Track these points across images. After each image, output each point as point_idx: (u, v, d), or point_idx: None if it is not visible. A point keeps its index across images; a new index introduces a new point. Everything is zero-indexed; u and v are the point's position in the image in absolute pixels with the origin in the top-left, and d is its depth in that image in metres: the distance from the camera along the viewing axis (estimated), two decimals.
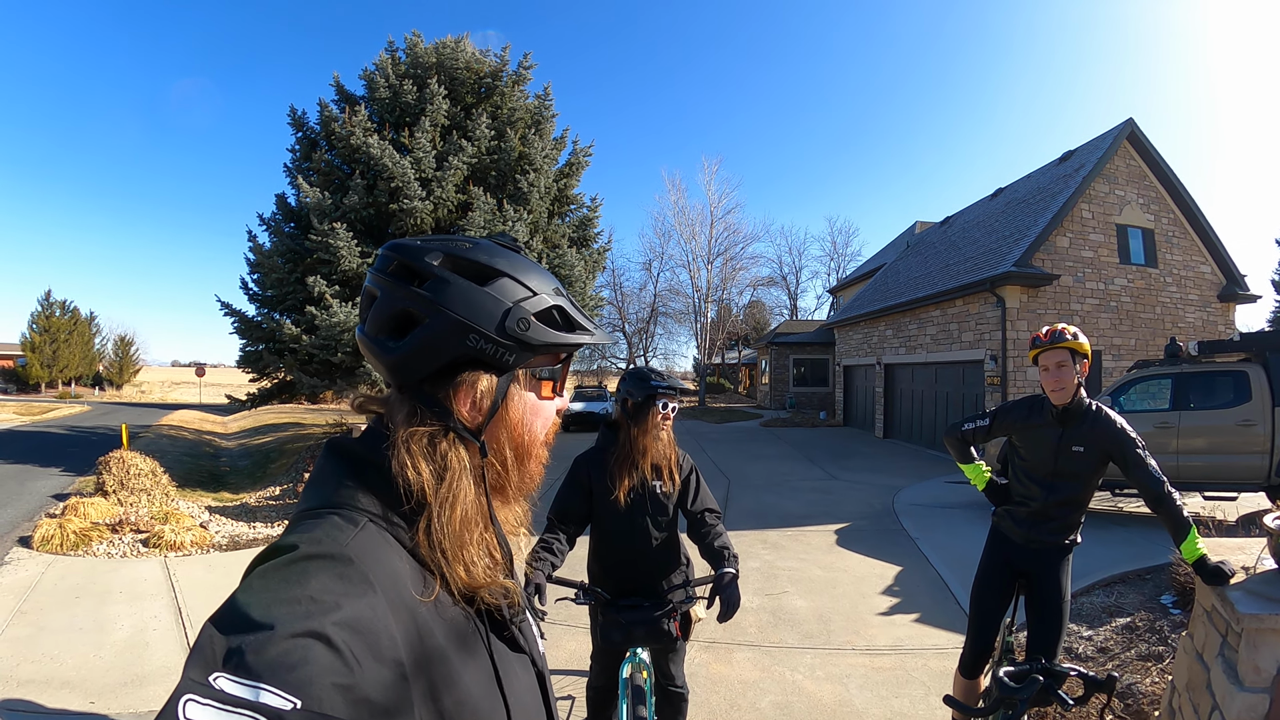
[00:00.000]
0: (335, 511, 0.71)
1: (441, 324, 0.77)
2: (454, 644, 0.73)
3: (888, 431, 18.89)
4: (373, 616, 0.63)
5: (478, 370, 0.80)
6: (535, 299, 0.82)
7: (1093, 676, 2.06)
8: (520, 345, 0.79)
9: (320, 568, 0.63)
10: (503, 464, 0.83)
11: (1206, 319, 14.57)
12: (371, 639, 0.61)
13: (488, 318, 0.78)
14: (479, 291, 0.79)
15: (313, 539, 0.66)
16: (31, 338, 41.66)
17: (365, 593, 0.64)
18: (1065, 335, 2.78)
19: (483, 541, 0.78)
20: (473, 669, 0.74)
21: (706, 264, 36.35)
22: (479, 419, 0.80)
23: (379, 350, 0.79)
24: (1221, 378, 8.10)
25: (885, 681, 4.16)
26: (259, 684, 0.53)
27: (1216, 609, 2.65)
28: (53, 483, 10.72)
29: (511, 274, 0.81)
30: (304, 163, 13.16)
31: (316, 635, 0.57)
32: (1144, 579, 5.82)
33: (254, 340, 13.16)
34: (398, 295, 0.79)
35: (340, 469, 0.77)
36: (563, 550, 2.62)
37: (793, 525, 8.33)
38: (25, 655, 4.43)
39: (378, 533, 0.71)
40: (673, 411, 2.72)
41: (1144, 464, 2.74)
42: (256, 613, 0.58)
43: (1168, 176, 14.32)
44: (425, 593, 0.72)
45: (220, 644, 0.56)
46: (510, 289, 0.81)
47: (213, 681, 0.53)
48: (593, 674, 2.89)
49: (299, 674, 0.54)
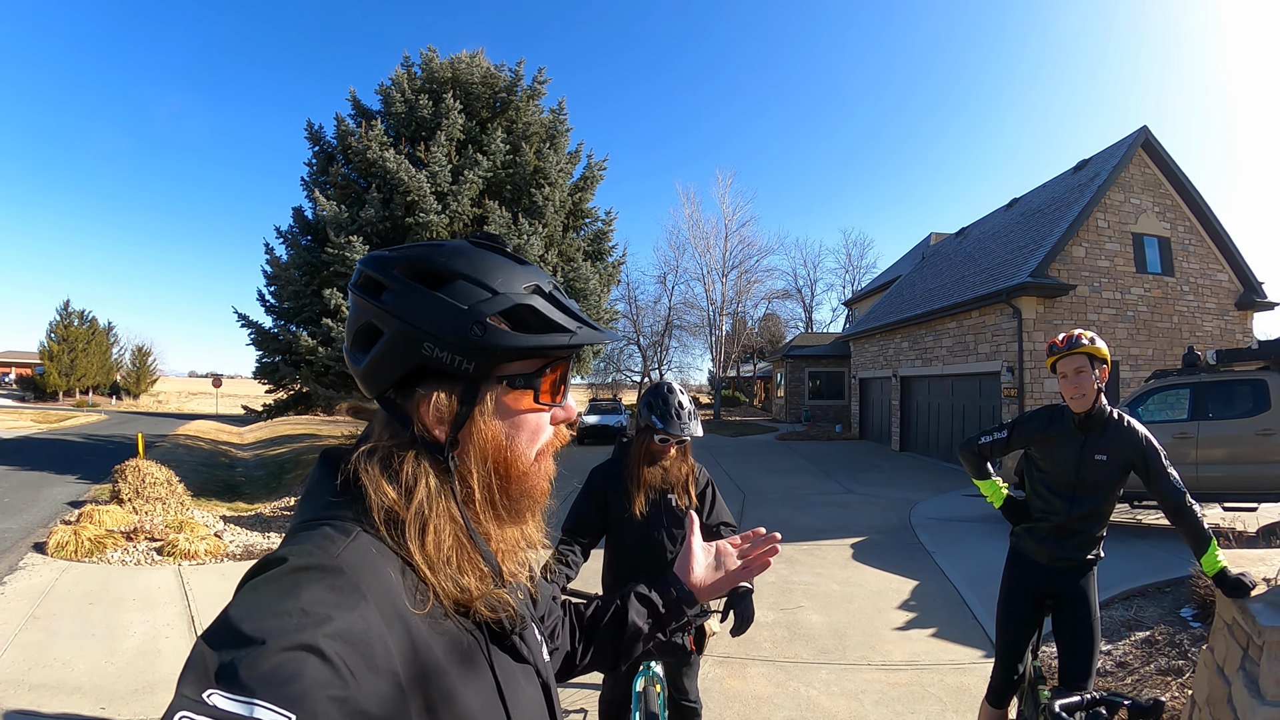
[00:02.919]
0: (328, 522, 0.70)
1: (394, 332, 0.74)
2: (452, 656, 0.71)
3: (904, 445, 18.73)
4: (366, 628, 0.62)
5: (439, 381, 0.75)
6: (496, 299, 0.75)
7: (1140, 704, 2.01)
8: (478, 351, 0.74)
9: (311, 579, 0.62)
10: (479, 480, 0.78)
11: (1224, 327, 14.38)
12: (365, 650, 0.60)
13: (440, 323, 0.73)
14: (431, 296, 0.74)
15: (303, 551, 0.65)
16: (50, 346, 42.10)
17: (357, 604, 0.62)
18: (1082, 340, 2.72)
19: (464, 558, 0.75)
20: (473, 681, 0.72)
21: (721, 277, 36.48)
22: (445, 432, 0.76)
23: (352, 363, 0.79)
24: (1240, 386, 7.97)
25: (901, 697, 4.10)
26: (253, 700, 0.53)
27: (1237, 622, 2.60)
28: (68, 490, 10.84)
29: (469, 274, 0.76)
30: (321, 176, 13.30)
31: (309, 648, 0.56)
32: (1163, 592, 5.72)
33: (270, 352, 13.28)
34: (361, 308, 0.77)
35: (332, 479, 0.75)
36: (577, 562, 2.60)
37: (808, 539, 8.26)
38: (37, 660, 4.46)
39: (371, 543, 0.70)
40: (678, 444, 2.70)
41: (1166, 474, 2.67)
42: (248, 627, 0.57)
43: (1183, 184, 14.19)
44: (420, 604, 0.70)
45: (213, 660, 0.55)
46: (465, 291, 0.75)
47: (206, 698, 0.53)
48: (605, 687, 2.86)
49: (293, 688, 0.54)
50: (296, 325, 12.33)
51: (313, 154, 13.83)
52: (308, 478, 0.79)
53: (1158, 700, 1.99)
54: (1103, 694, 2.11)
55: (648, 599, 1.19)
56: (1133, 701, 2.02)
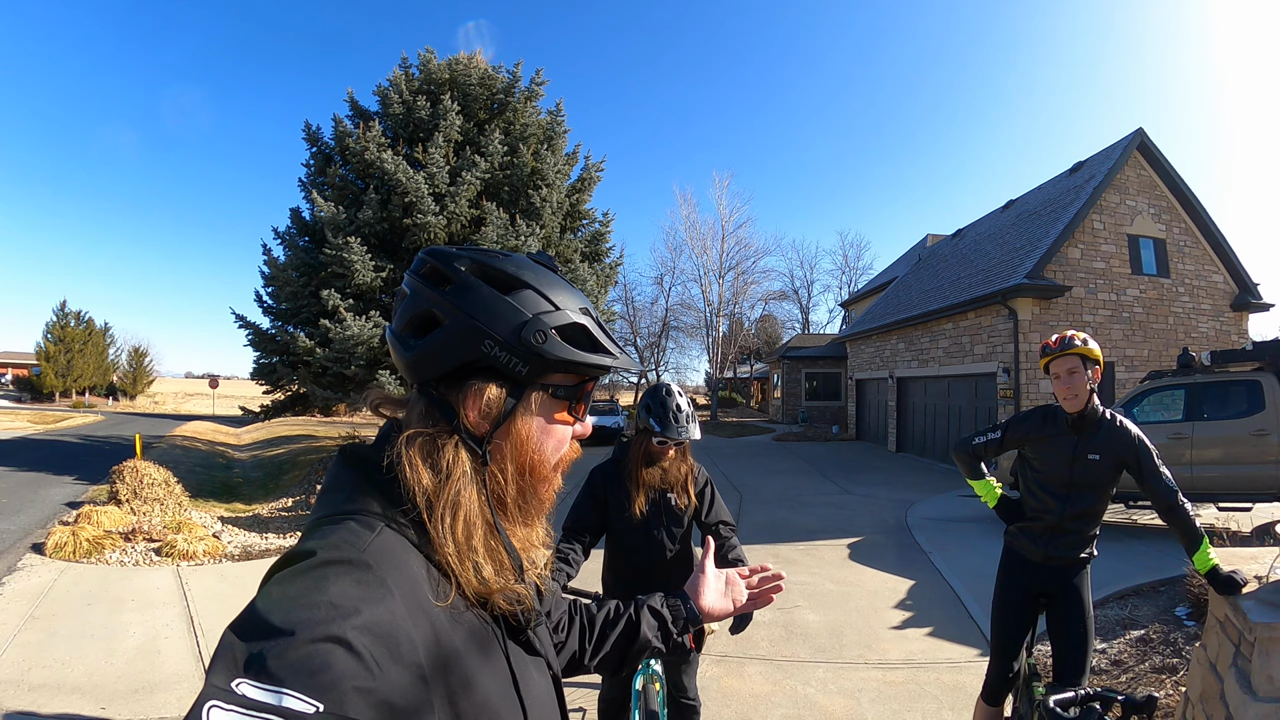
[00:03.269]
0: (351, 517, 0.72)
1: (459, 326, 0.78)
2: (471, 647, 0.73)
3: (900, 445, 18.78)
4: (391, 621, 0.63)
5: (490, 378, 0.80)
6: (557, 314, 0.81)
7: (1133, 699, 2.04)
8: (535, 357, 0.79)
9: (339, 573, 0.64)
10: (505, 477, 0.82)
11: (1220, 329, 14.44)
12: (391, 643, 0.62)
13: (505, 325, 0.78)
14: (500, 299, 0.79)
15: (330, 545, 0.67)
16: (46, 347, 41.98)
17: (384, 597, 0.64)
18: (1075, 341, 2.75)
19: (489, 548, 0.79)
20: (490, 672, 0.75)
21: (718, 278, 36.49)
22: (486, 427, 0.80)
23: (400, 347, 0.81)
24: (1235, 387, 8.01)
25: (897, 695, 4.12)
26: (281, 689, 0.54)
27: (1229, 619, 2.62)
28: (66, 491, 10.81)
29: (537, 287, 0.82)
30: (318, 177, 13.31)
31: (337, 640, 0.58)
32: (1158, 591, 5.75)
33: (268, 353, 13.28)
34: (424, 296, 0.81)
35: (354, 475, 0.78)
36: (578, 561, 2.62)
37: (805, 540, 8.28)
38: (36, 661, 4.46)
39: (394, 537, 0.72)
40: (676, 445, 2.72)
41: (1159, 473, 2.71)
42: (277, 619, 0.58)
43: (1179, 186, 14.26)
44: (441, 597, 0.72)
45: (242, 650, 0.57)
46: (532, 301, 0.81)
47: (235, 687, 0.54)
48: (605, 685, 2.88)
49: (321, 678, 0.55)
50: (294, 326, 12.34)
51: (310, 155, 13.84)
52: (326, 473, 0.82)
53: (1151, 696, 2.01)
54: (1096, 690, 2.14)
55: (659, 613, 1.25)
56: (1126, 697, 2.05)
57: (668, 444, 2.67)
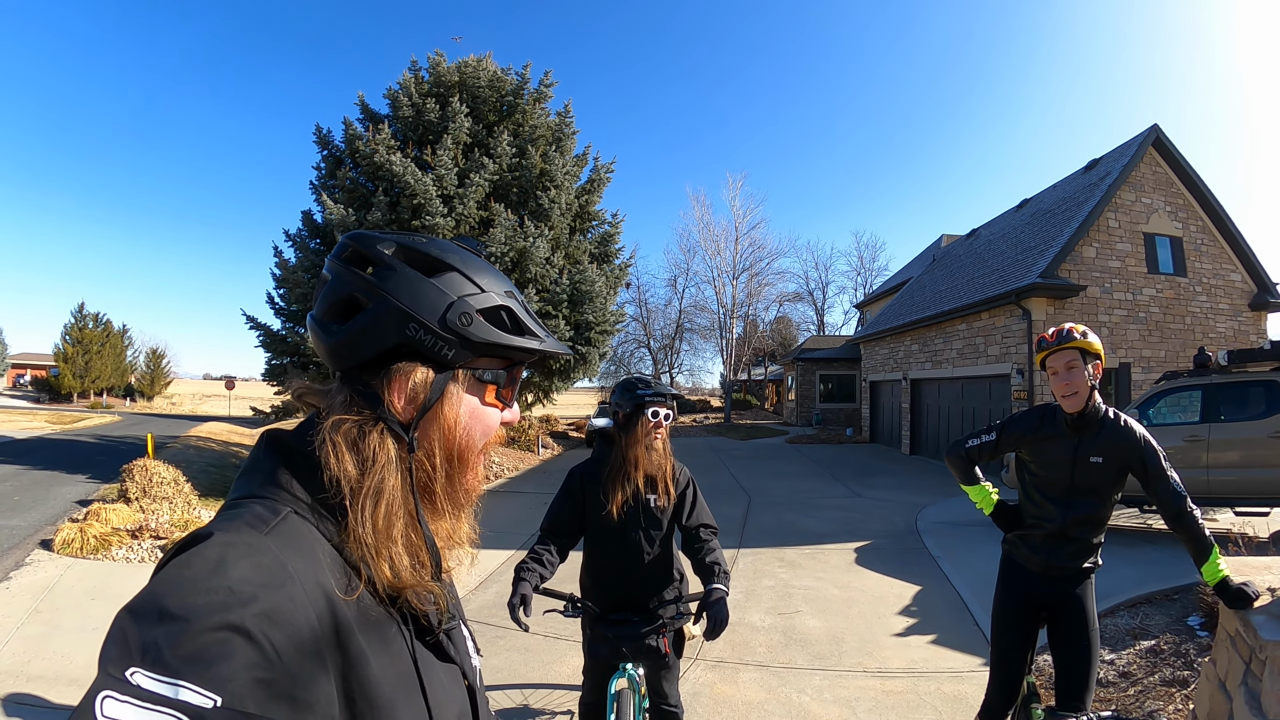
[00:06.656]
0: (259, 501, 0.70)
1: (382, 310, 0.76)
2: (375, 644, 0.70)
3: (914, 448, 18.58)
4: (292, 609, 0.61)
5: (415, 362, 0.77)
6: (482, 296, 0.80)
7: None
8: (461, 341, 0.77)
9: (238, 557, 0.61)
10: (433, 465, 0.79)
11: (1238, 328, 14.16)
12: (291, 631, 0.59)
13: (430, 309, 0.76)
14: (424, 282, 0.77)
15: (231, 528, 0.65)
16: (64, 349, 42.61)
17: (284, 584, 0.62)
18: (1074, 334, 2.59)
19: (409, 541, 0.76)
20: (393, 672, 0.72)
21: (732, 280, 36.38)
22: (412, 413, 0.77)
23: (322, 334, 0.79)
24: (1253, 388, 7.80)
25: (895, 705, 4.02)
26: (178, 680, 0.52)
27: (1240, 634, 2.51)
28: (78, 489, 10.92)
29: (461, 269, 0.80)
30: (329, 180, 13.41)
31: (235, 628, 0.55)
32: (1171, 599, 5.60)
33: (279, 354, 13.40)
34: (345, 279, 0.79)
35: (272, 460, 0.75)
36: (553, 562, 2.57)
37: (812, 543, 8.19)
38: (37, 653, 4.52)
39: (301, 523, 0.69)
40: (666, 419, 2.64)
41: (1166, 477, 2.55)
42: (173, 604, 0.56)
43: (1195, 183, 14.01)
44: (348, 589, 0.69)
45: (135, 637, 0.54)
46: (457, 283, 0.79)
47: (130, 677, 0.52)
48: (585, 690, 2.83)
49: (219, 669, 0.53)
50: (304, 327, 12.40)
51: (321, 158, 13.96)
52: (247, 457, 0.79)
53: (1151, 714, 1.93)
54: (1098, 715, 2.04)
55: None
56: None
57: (660, 413, 2.60)
